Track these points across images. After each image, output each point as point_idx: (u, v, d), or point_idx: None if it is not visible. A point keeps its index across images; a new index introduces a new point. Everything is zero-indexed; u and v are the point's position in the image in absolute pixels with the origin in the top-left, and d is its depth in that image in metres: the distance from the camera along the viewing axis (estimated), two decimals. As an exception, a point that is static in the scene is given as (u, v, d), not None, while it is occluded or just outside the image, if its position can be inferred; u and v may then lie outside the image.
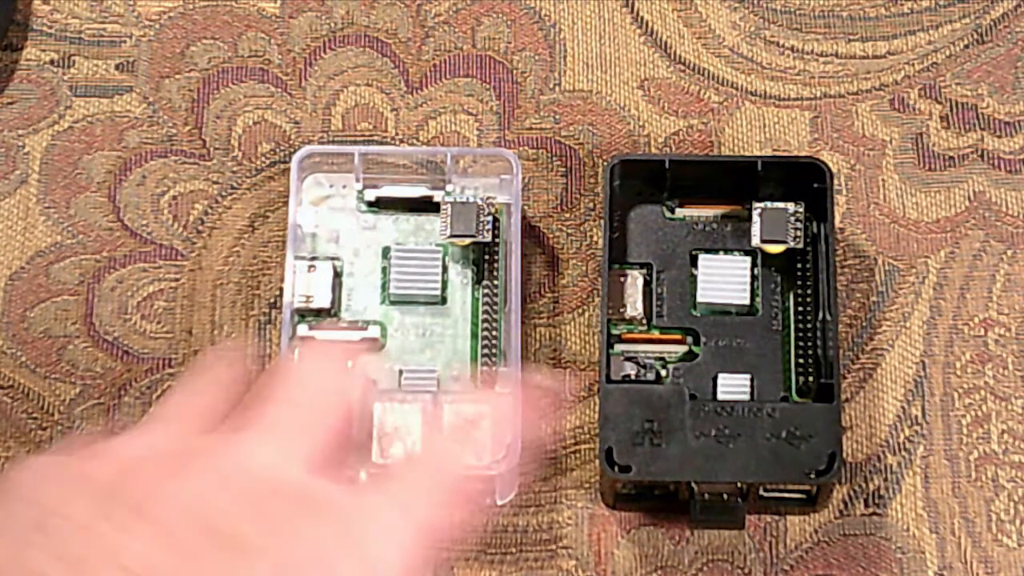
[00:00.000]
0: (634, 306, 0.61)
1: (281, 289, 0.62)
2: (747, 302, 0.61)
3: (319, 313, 0.61)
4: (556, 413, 0.57)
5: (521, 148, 0.65)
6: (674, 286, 0.61)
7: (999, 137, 0.65)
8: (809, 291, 0.61)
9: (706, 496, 0.57)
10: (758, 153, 0.65)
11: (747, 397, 0.59)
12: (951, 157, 0.65)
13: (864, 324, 0.62)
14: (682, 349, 0.61)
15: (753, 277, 0.61)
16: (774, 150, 0.65)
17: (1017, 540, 0.60)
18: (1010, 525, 0.60)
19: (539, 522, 0.60)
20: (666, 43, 0.67)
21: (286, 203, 0.64)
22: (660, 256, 0.62)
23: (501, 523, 0.60)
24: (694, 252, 0.62)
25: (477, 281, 0.62)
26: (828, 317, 0.59)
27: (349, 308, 0.61)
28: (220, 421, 0.46)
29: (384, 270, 0.62)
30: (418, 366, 0.61)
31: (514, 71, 0.66)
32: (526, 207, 0.64)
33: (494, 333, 0.61)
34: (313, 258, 0.62)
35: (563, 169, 0.65)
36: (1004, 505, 0.60)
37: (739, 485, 0.57)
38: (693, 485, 0.57)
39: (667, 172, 0.61)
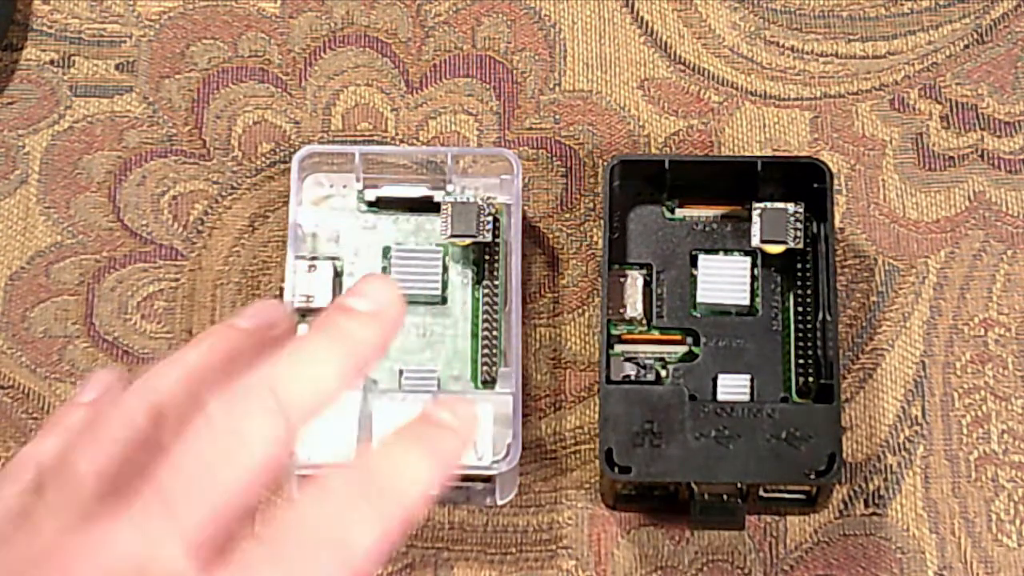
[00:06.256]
0: (634, 306, 0.61)
1: (281, 289, 0.62)
2: (747, 302, 0.61)
3: (320, 313, 0.61)
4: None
5: (521, 148, 0.65)
6: (674, 286, 0.61)
7: (999, 137, 0.65)
8: (809, 291, 0.61)
9: (706, 496, 0.57)
10: (758, 153, 0.65)
11: (747, 397, 0.59)
12: (951, 157, 0.65)
13: (864, 324, 0.62)
14: (682, 349, 0.61)
15: (753, 277, 0.61)
16: (774, 150, 0.65)
17: (1017, 540, 0.60)
18: (1010, 525, 0.60)
19: (539, 522, 0.60)
20: (666, 43, 0.67)
21: (286, 203, 0.64)
22: (660, 256, 0.62)
23: (501, 523, 0.60)
24: (694, 252, 0.62)
25: (477, 281, 0.62)
26: (828, 317, 0.59)
27: (349, 308, 0.61)
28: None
29: (384, 270, 0.62)
30: (418, 366, 0.61)
31: (514, 71, 0.66)
32: (526, 207, 0.64)
33: (494, 333, 0.61)
34: (313, 258, 0.62)
35: (563, 169, 0.65)
36: (1004, 505, 0.60)
37: (739, 486, 0.57)
38: (693, 486, 0.57)
39: (667, 172, 0.61)
